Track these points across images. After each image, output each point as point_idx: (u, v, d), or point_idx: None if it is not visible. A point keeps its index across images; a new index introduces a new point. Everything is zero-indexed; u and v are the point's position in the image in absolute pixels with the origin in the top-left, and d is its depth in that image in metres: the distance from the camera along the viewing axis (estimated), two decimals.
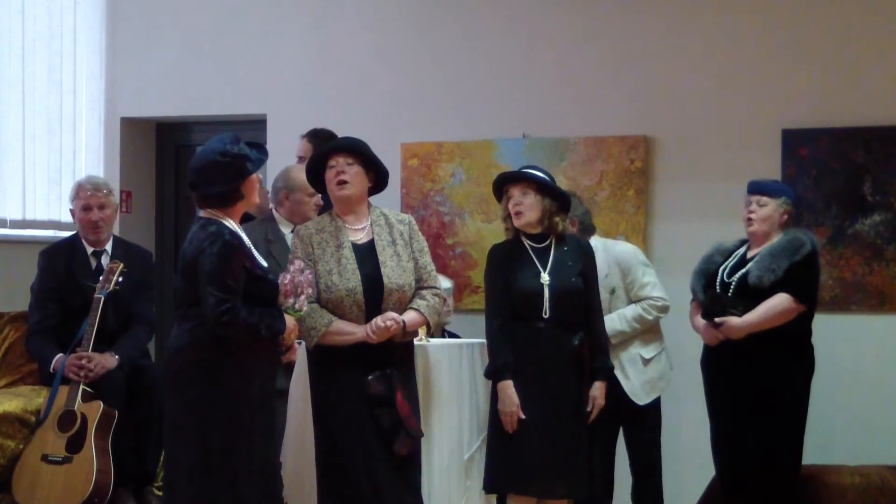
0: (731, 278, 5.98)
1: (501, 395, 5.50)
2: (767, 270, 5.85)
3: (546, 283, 5.56)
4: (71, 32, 7.94)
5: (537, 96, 7.58)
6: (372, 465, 5.25)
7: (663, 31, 7.40)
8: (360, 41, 7.91)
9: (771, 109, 7.18)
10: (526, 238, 5.66)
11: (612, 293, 6.39)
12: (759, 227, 6.01)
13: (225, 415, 4.93)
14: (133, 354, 6.38)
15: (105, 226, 6.55)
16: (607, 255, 6.42)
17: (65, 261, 6.51)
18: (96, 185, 6.58)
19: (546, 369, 5.51)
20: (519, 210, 5.63)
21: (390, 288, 5.35)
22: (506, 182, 5.71)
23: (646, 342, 6.47)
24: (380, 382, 5.27)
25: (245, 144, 5.10)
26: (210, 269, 4.90)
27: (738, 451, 5.91)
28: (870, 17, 7.09)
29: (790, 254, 5.88)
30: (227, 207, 5.06)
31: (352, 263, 5.35)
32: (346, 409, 5.28)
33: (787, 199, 6.04)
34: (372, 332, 5.27)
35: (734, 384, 5.91)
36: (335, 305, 5.32)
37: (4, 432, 6.12)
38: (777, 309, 5.84)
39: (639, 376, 6.36)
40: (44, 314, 6.47)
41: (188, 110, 8.27)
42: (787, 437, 5.89)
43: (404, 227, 5.53)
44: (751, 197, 6.06)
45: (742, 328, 5.85)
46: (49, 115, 7.78)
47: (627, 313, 6.40)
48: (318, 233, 5.43)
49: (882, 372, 6.99)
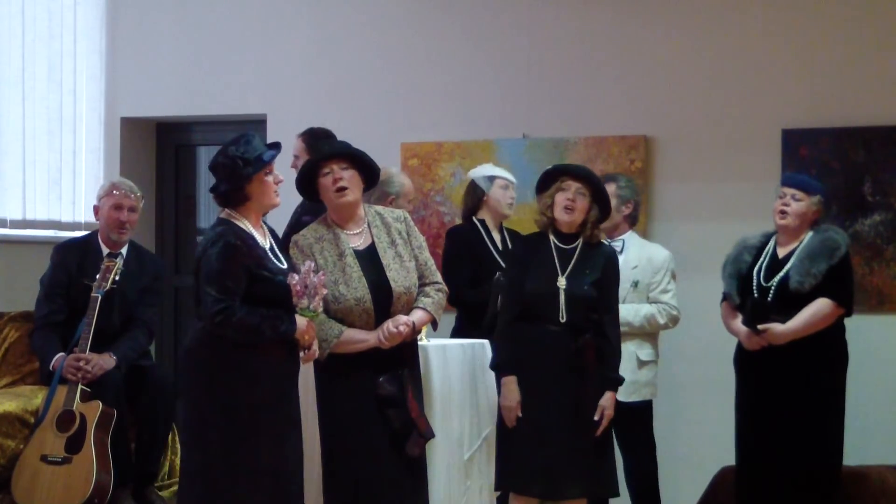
0: (769, 282, 5.95)
1: (503, 390, 5.49)
2: (808, 275, 5.85)
3: (563, 287, 5.50)
4: (71, 32, 7.94)
5: (537, 96, 7.58)
6: (380, 469, 5.22)
7: (663, 31, 7.40)
8: (361, 41, 7.91)
9: (771, 109, 7.18)
10: (554, 235, 5.61)
11: (634, 286, 6.40)
12: (792, 221, 5.98)
13: (227, 415, 4.92)
14: (130, 356, 6.38)
15: (130, 228, 6.57)
16: (642, 249, 6.49)
17: (78, 258, 6.50)
18: (131, 188, 6.61)
19: (554, 372, 5.46)
20: (572, 206, 5.55)
21: (398, 292, 5.30)
22: (566, 174, 5.61)
23: (644, 344, 6.45)
24: (391, 383, 5.24)
25: (263, 145, 5.09)
26: (209, 269, 4.89)
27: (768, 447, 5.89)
28: (869, 18, 7.09)
29: (827, 256, 5.88)
30: (236, 207, 5.06)
31: (356, 272, 5.28)
32: (355, 411, 5.24)
33: (821, 197, 6.05)
34: (384, 339, 5.23)
35: (771, 382, 5.91)
36: (344, 315, 5.26)
37: (4, 432, 6.12)
38: (820, 315, 5.86)
39: (628, 374, 6.28)
40: (51, 309, 6.47)
41: (188, 110, 8.27)
42: (831, 433, 5.91)
43: (401, 226, 5.47)
44: (785, 189, 6.03)
45: (786, 335, 5.85)
46: (49, 115, 7.78)
47: (643, 310, 6.39)
48: (318, 241, 5.34)
49: (882, 372, 6.98)
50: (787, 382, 5.88)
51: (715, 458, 6.58)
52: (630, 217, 6.57)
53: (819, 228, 6.02)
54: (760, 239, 6.13)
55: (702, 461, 6.82)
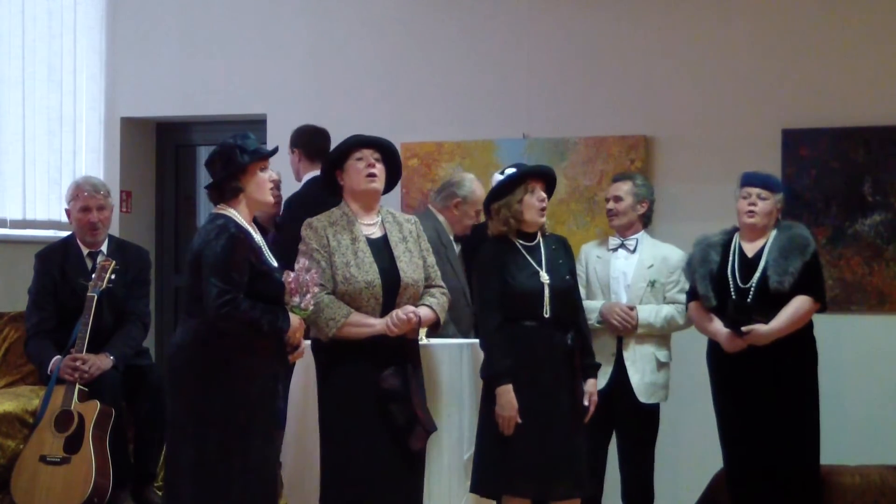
0: (746, 283, 5.95)
1: (501, 400, 5.40)
2: (786, 274, 5.86)
3: (546, 282, 5.52)
4: (71, 32, 7.95)
5: (537, 96, 7.58)
6: (379, 462, 5.24)
7: (663, 31, 7.40)
8: (360, 41, 7.91)
9: (771, 109, 7.18)
10: (518, 238, 5.60)
11: (651, 286, 6.34)
12: (760, 220, 6.01)
13: (222, 413, 4.93)
14: (126, 353, 6.38)
15: (103, 227, 6.55)
16: (655, 249, 6.43)
17: (60, 262, 6.50)
18: (95, 187, 6.57)
19: (543, 369, 5.46)
20: (545, 206, 5.58)
21: (406, 282, 5.35)
22: (531, 177, 5.60)
23: (662, 345, 6.38)
24: (395, 377, 5.26)
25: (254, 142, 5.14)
26: (214, 260, 4.91)
27: (754, 447, 5.90)
28: (869, 18, 7.09)
29: (800, 253, 5.91)
30: (230, 200, 5.07)
31: (368, 257, 5.33)
32: (355, 403, 5.26)
33: (782, 195, 6.09)
34: (393, 325, 5.26)
35: (745, 379, 5.92)
36: (352, 298, 5.29)
37: (4, 432, 6.12)
38: (801, 313, 5.89)
39: (649, 375, 6.29)
40: (41, 317, 6.47)
41: (188, 110, 8.27)
42: (807, 429, 5.93)
43: (412, 227, 5.55)
44: (749, 189, 6.04)
45: (770, 336, 5.86)
46: (49, 115, 7.78)
47: (663, 311, 6.31)
48: (332, 225, 5.40)
49: (882, 372, 6.98)
50: (764, 381, 5.89)
51: (713, 459, 6.56)
52: (644, 217, 6.50)
53: (782, 225, 6.05)
54: (722, 237, 6.13)
55: (700, 462, 6.81)
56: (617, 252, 6.40)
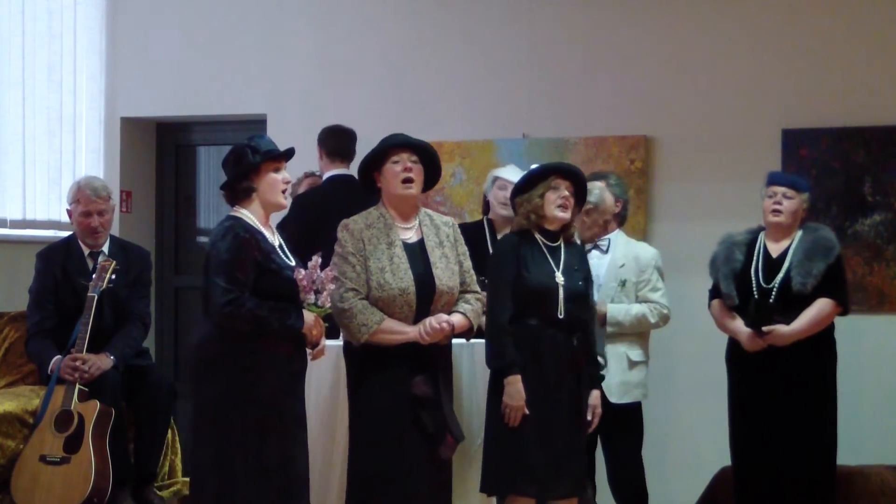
0: (769, 283, 5.95)
1: (509, 389, 5.35)
2: (809, 276, 5.87)
3: (561, 283, 5.47)
4: (71, 32, 7.94)
5: (537, 96, 7.58)
6: (409, 469, 5.20)
7: (663, 31, 7.40)
8: (361, 41, 7.91)
9: (771, 109, 7.18)
10: (540, 235, 5.57)
11: (622, 285, 6.33)
12: (786, 219, 6.00)
13: (234, 411, 4.96)
14: (127, 353, 6.37)
15: (104, 231, 6.54)
16: (628, 248, 6.40)
17: (61, 262, 6.50)
18: (96, 191, 6.53)
19: (552, 370, 5.43)
20: (567, 204, 5.53)
21: (441, 290, 5.30)
22: (558, 173, 5.57)
23: (634, 344, 6.37)
24: (426, 383, 5.23)
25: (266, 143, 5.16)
26: (218, 260, 4.94)
27: (768, 447, 5.89)
28: (869, 17, 7.09)
29: (823, 255, 5.91)
30: (243, 201, 5.09)
31: (404, 263, 5.28)
32: (388, 410, 5.22)
33: (808, 195, 6.08)
34: (426, 333, 5.22)
35: (763, 379, 5.92)
36: (386, 304, 5.24)
37: (4, 432, 6.12)
38: (822, 315, 5.89)
39: (619, 375, 6.25)
40: (42, 316, 6.46)
41: (188, 110, 8.27)
42: (825, 430, 5.93)
43: (449, 230, 5.48)
44: (776, 188, 6.03)
45: (791, 337, 5.86)
46: (49, 115, 7.78)
47: (633, 310, 6.30)
48: (368, 228, 5.33)
49: (882, 372, 6.99)
50: (783, 381, 5.89)
51: (709, 459, 6.58)
52: (619, 216, 6.48)
53: (808, 227, 6.05)
54: (747, 236, 6.12)
55: (696, 462, 6.82)
56: (591, 253, 6.35)
